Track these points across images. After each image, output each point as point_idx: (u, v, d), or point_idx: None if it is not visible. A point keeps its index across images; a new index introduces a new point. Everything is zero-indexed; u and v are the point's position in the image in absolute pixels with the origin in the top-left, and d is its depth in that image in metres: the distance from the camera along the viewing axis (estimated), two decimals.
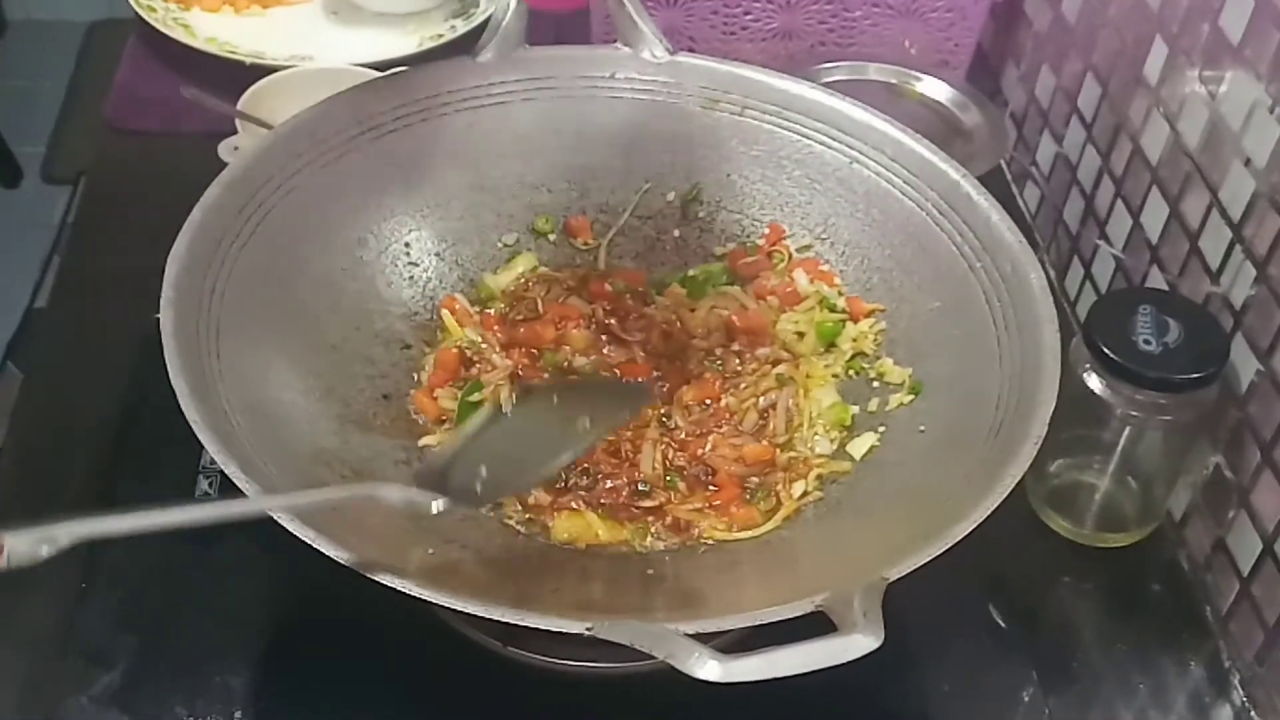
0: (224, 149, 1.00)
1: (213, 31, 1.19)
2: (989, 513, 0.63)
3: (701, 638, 0.54)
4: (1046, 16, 1.08)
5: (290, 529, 0.59)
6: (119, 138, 1.11)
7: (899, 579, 0.59)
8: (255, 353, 0.73)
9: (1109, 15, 0.97)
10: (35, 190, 1.07)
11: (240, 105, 1.00)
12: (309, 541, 0.59)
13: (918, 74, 1.08)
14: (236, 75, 1.06)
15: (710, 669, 0.53)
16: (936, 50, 1.14)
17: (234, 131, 0.99)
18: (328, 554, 0.58)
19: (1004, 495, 0.63)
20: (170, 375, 0.65)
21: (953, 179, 0.81)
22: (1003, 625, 0.81)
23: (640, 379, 0.80)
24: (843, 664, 0.54)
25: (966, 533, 0.62)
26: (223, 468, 0.62)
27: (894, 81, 1.07)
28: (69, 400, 0.91)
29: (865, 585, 0.58)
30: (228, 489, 0.61)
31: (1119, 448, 0.82)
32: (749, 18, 1.12)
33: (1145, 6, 0.91)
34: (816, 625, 0.56)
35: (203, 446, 0.62)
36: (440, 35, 1.19)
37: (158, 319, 0.67)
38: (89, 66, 1.27)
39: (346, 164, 0.82)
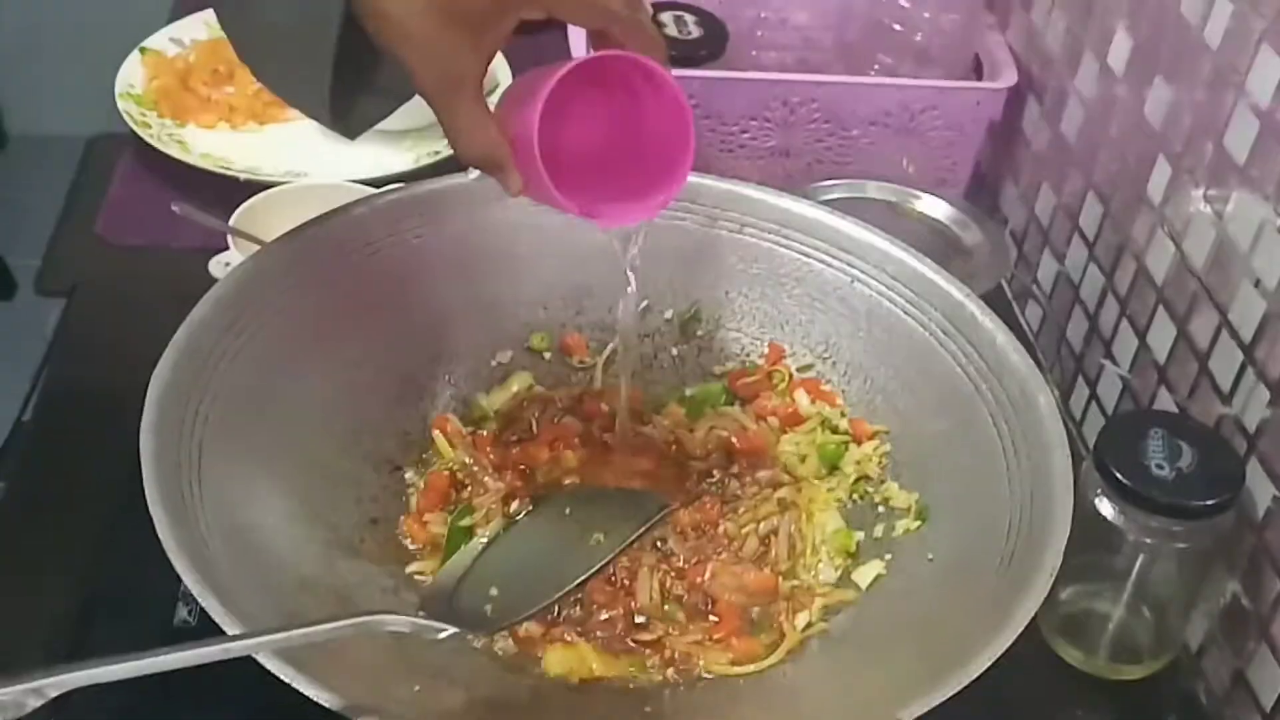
0: (215, 265, 0.99)
1: (208, 147, 1.19)
2: (1003, 650, 0.60)
3: None
4: (1045, 136, 1.08)
5: (270, 668, 0.56)
6: (110, 252, 1.10)
7: None
8: (239, 476, 0.70)
9: (1109, 134, 0.96)
10: (29, 303, 1.06)
11: (232, 221, 0.99)
12: (289, 681, 0.56)
13: (916, 192, 1.07)
14: (231, 191, 1.05)
15: None
16: (935, 169, 1.13)
17: (226, 248, 0.98)
18: (310, 696, 0.55)
19: (1019, 630, 0.61)
20: (149, 502, 0.63)
21: (956, 299, 0.79)
22: None
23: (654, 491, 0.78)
24: None
25: (981, 670, 0.59)
26: (200, 600, 0.59)
27: (893, 200, 1.06)
28: (46, 519, 0.88)
29: None
30: (209, 617, 0.59)
31: (1132, 575, 0.79)
32: (746, 135, 1.11)
33: (1147, 125, 0.90)
34: None
35: None
36: (437, 152, 1.18)
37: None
38: (86, 181, 1.26)
39: (338, 282, 0.80)
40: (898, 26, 1.15)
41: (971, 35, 1.15)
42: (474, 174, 0.86)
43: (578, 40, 1.05)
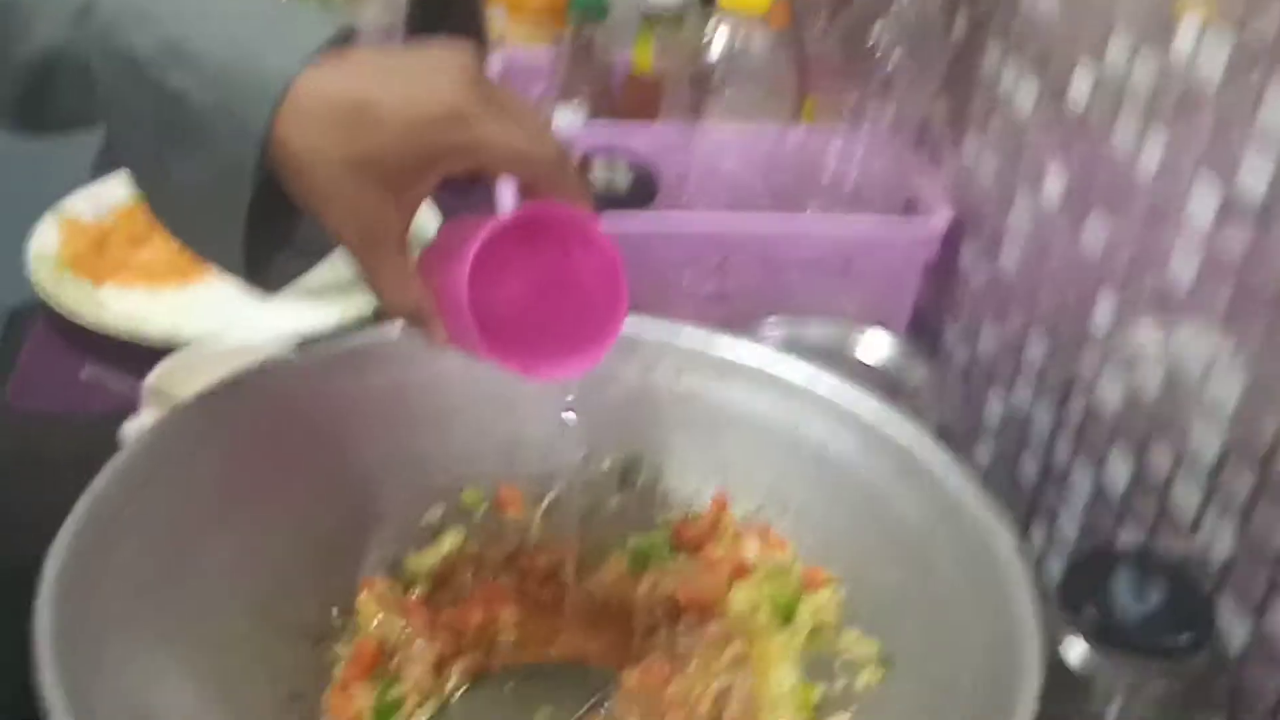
0: (128, 429, 0.93)
1: (125, 307, 1.14)
2: None
3: None
4: (983, 273, 1.06)
5: None
6: (18, 420, 1.04)
7: None
8: (144, 656, 0.64)
9: (1049, 268, 0.95)
10: None
11: (147, 383, 0.94)
12: None
13: (860, 327, 1.05)
14: (149, 354, 1.00)
15: None
16: (874, 309, 1.11)
17: (138, 411, 0.93)
18: None
19: None
20: (40, 687, 0.57)
21: (904, 443, 0.76)
22: None
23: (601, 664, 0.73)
24: None
25: None
26: None
27: (834, 337, 1.04)
28: None
29: None
30: None
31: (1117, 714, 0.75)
32: (683, 280, 1.09)
33: (1087, 258, 0.89)
34: None
35: None
36: (363, 309, 1.15)
37: None
38: (6, 351, 1.21)
39: (254, 442, 0.76)
40: (828, 172, 1.15)
41: (904, 177, 1.14)
42: (399, 326, 0.83)
43: (504, 190, 1.03)
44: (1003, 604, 0.66)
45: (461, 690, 0.72)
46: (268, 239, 0.65)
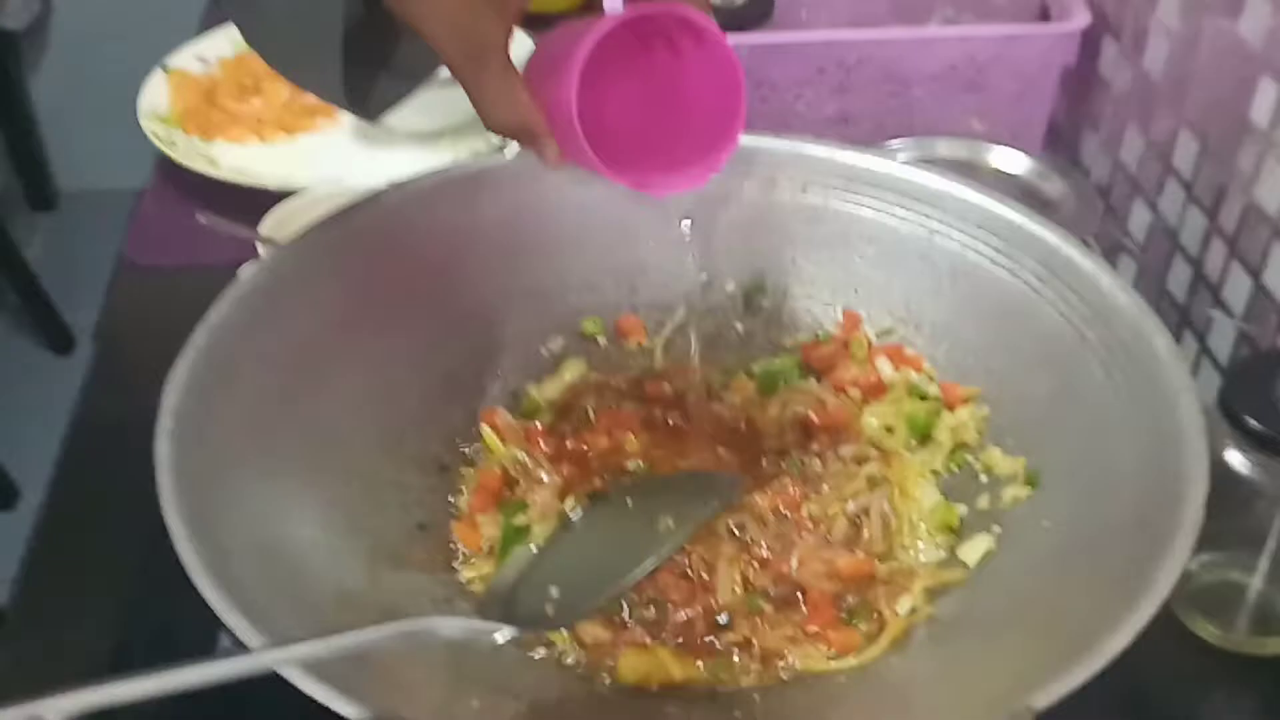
0: (244, 273, 0.92)
1: (237, 162, 1.13)
2: (1147, 620, 0.52)
3: None
4: (1126, 76, 0.99)
5: (304, 688, 0.49)
6: (138, 275, 1.04)
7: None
8: (268, 485, 0.63)
9: (1200, 64, 0.88)
10: (88, 358, 1.03)
11: (262, 229, 0.93)
12: (325, 702, 0.49)
13: (990, 146, 0.99)
14: (263, 204, 0.99)
15: None
16: (1006, 124, 1.05)
17: (257, 258, 0.92)
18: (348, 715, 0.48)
19: (1163, 596, 0.52)
20: (165, 514, 0.56)
21: (1051, 243, 0.71)
22: None
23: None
24: None
25: (1123, 646, 0.51)
26: (222, 618, 0.52)
27: (966, 156, 0.98)
28: (80, 553, 0.82)
29: (1010, 716, 0.47)
30: None
31: (1273, 536, 0.70)
32: (801, 104, 1.04)
33: (1245, 47, 0.81)
34: None
35: None
36: (478, 151, 1.12)
37: None
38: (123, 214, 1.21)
39: (370, 274, 0.74)
40: None
41: None
42: (511, 153, 0.80)
43: None
44: (1163, 408, 0.61)
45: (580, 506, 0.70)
46: (368, 62, 0.63)
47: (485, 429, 0.74)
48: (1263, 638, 0.73)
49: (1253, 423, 0.66)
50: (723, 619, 0.64)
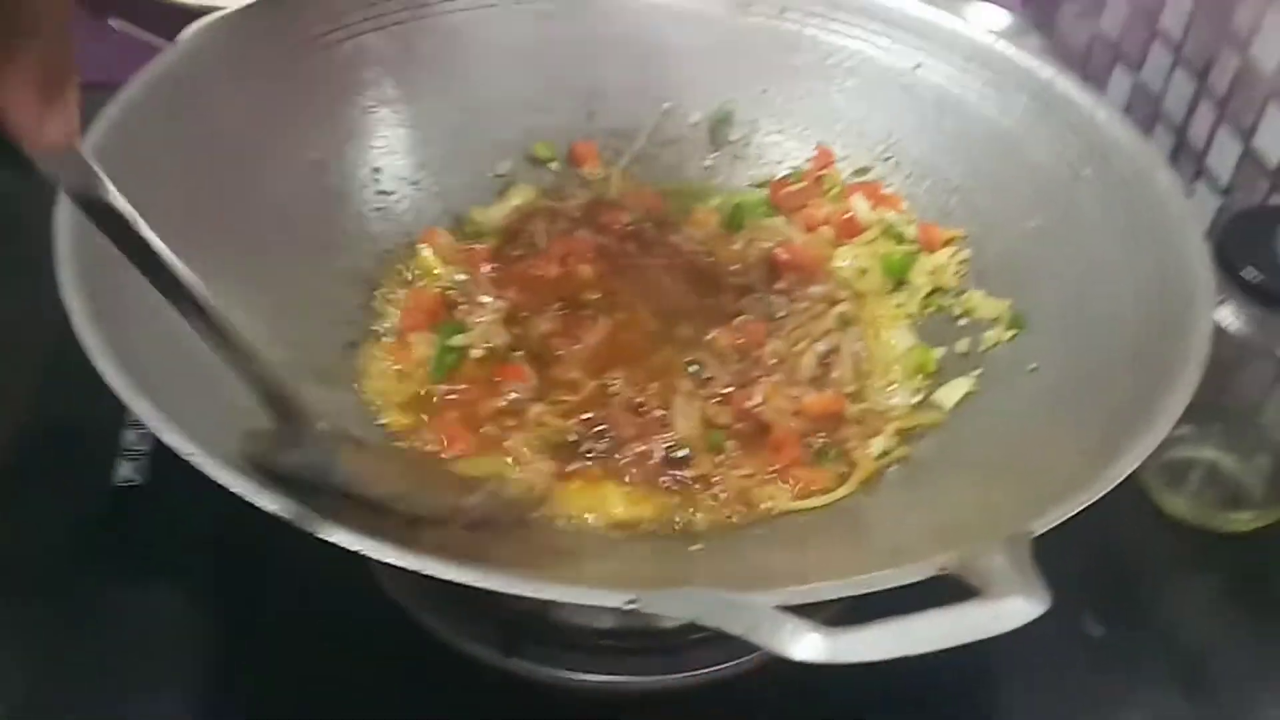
0: None
1: None
2: (1152, 449, 0.48)
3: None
4: None
5: (228, 485, 0.43)
6: None
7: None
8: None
9: None
10: None
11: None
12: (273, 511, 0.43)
13: (965, 1, 0.93)
14: (179, 27, 0.91)
15: (810, 646, 0.37)
16: None
17: None
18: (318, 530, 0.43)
19: (1170, 425, 0.48)
20: (62, 291, 0.50)
21: (1044, 76, 0.67)
22: (1101, 631, 0.65)
23: None
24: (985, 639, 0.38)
25: (1128, 472, 0.46)
26: (127, 403, 0.46)
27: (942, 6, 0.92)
28: None
29: (1009, 538, 0.42)
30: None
31: (1257, 400, 0.67)
32: None
33: None
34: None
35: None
36: None
37: None
38: None
39: (306, 68, 0.67)
40: None
41: None
42: None
43: None
44: (1166, 241, 0.57)
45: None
46: None
47: (423, 248, 0.68)
48: (1232, 513, 0.70)
49: (1253, 276, 0.62)
50: (682, 453, 0.59)
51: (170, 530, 0.65)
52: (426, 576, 0.42)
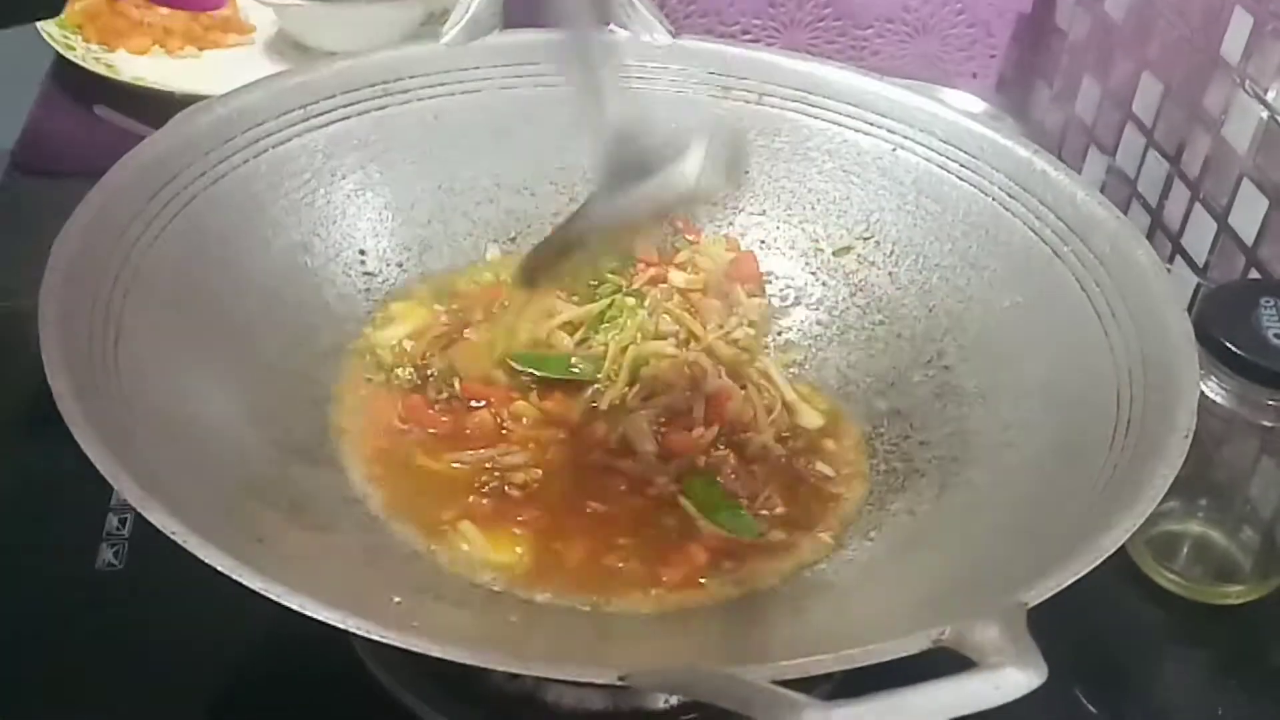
0: None
1: (140, 73, 1.05)
2: (1145, 517, 0.48)
3: None
4: (1085, 22, 0.96)
5: (209, 561, 0.43)
6: (28, 180, 0.96)
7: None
8: (168, 366, 0.56)
9: (1167, 4, 0.85)
10: None
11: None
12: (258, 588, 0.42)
13: (942, 89, 0.95)
14: (165, 115, 0.92)
15: None
16: (956, 73, 1.02)
17: None
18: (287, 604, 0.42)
19: (1161, 493, 0.49)
20: (48, 374, 0.49)
21: (1022, 155, 0.67)
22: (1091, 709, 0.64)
23: None
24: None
25: (1122, 540, 0.46)
26: (111, 480, 0.45)
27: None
28: None
29: (1003, 609, 0.42)
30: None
31: (1243, 473, 0.67)
32: (747, 37, 0.99)
33: None
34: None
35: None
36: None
37: None
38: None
39: (288, 153, 0.67)
40: None
41: None
42: (446, 38, 0.74)
43: None
44: (1145, 322, 0.58)
45: None
46: None
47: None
48: (1223, 586, 0.70)
49: (1233, 349, 0.63)
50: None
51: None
52: (411, 653, 0.41)
